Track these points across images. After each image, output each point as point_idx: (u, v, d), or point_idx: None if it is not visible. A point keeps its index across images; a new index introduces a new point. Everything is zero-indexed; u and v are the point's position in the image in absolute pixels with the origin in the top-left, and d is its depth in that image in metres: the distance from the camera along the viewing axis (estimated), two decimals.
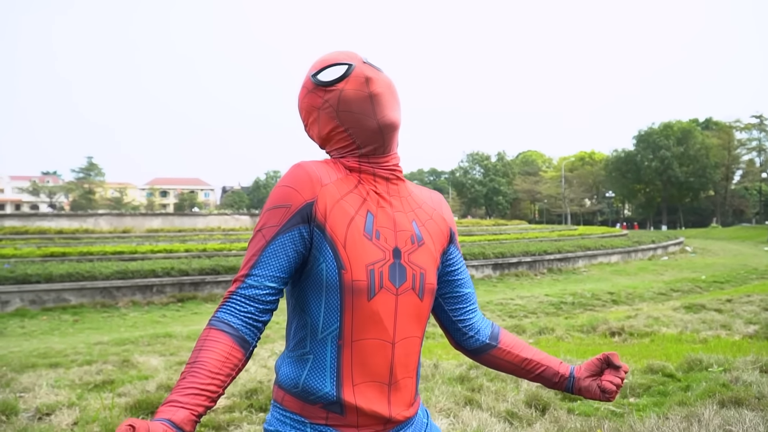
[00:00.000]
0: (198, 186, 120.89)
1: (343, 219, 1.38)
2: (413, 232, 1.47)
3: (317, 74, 1.47)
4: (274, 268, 1.35)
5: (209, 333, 1.28)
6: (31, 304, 13.29)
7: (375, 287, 1.38)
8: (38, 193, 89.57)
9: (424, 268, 1.46)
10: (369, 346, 1.39)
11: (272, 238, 1.35)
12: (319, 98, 1.47)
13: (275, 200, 1.38)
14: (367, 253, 1.38)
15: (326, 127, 1.49)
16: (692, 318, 9.63)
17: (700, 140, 74.13)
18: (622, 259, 26.29)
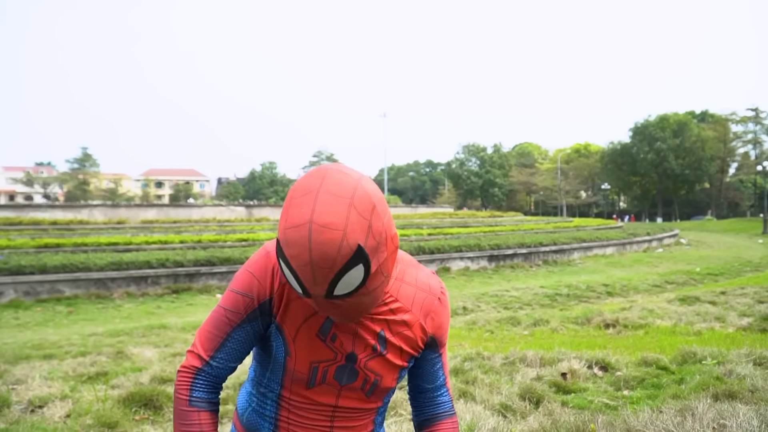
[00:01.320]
0: (193, 177, 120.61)
1: (298, 315, 1.36)
2: (375, 342, 1.40)
3: (280, 246, 1.17)
4: (237, 352, 1.39)
5: (201, 416, 1.36)
6: (25, 295, 13.25)
7: (316, 381, 1.39)
8: (32, 183, 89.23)
9: (381, 374, 1.43)
10: (305, 420, 1.43)
11: (237, 326, 1.37)
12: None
13: (242, 286, 1.36)
14: (314, 352, 1.37)
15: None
16: (686, 310, 9.66)
17: (696, 133, 74.30)
18: (617, 251, 26.35)
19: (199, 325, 6.57)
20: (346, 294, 1.17)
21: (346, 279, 1.14)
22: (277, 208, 41.06)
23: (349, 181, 1.17)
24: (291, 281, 1.18)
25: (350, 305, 1.21)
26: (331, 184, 1.15)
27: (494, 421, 2.97)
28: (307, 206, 1.13)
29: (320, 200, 1.13)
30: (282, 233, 1.14)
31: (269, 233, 23.71)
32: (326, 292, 1.15)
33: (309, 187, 1.16)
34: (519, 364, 4.93)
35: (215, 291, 14.99)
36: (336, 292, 1.16)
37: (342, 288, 1.16)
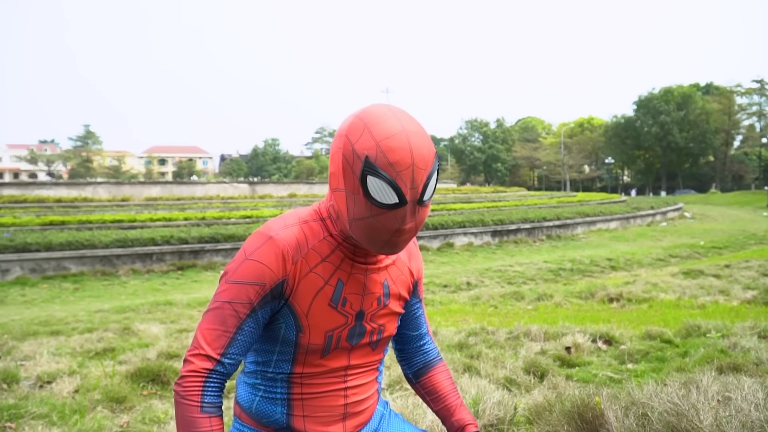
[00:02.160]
0: (196, 154, 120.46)
1: (310, 290, 1.38)
2: (381, 293, 1.48)
3: (370, 165, 1.22)
4: (247, 344, 1.37)
5: (212, 423, 1.32)
6: (32, 272, 13.33)
7: (330, 348, 1.43)
8: (36, 161, 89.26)
9: (384, 323, 1.50)
10: (320, 388, 1.46)
11: (246, 317, 1.34)
12: (354, 181, 1.27)
13: (248, 275, 1.34)
14: (328, 321, 1.41)
15: (348, 206, 1.31)
16: (690, 284, 9.67)
17: (701, 105, 73.71)
18: (620, 225, 26.33)
19: (204, 301, 6.64)
20: (425, 202, 1.27)
21: (431, 183, 1.26)
22: (280, 184, 41.04)
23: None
24: (382, 195, 1.22)
25: (421, 218, 1.29)
26: (401, 111, 1.29)
27: (499, 395, 2.99)
28: (394, 120, 1.24)
29: (401, 115, 1.27)
30: (376, 146, 1.21)
31: (273, 210, 23.74)
32: (420, 195, 1.24)
33: (381, 109, 1.28)
34: (523, 339, 4.95)
35: (219, 267, 15.04)
36: (425, 197, 1.25)
37: (428, 193, 1.26)
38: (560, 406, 2.69)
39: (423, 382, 1.68)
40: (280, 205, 28.10)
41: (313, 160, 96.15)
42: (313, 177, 79.67)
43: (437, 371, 1.67)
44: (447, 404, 1.64)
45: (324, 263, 1.39)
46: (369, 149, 1.21)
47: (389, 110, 1.27)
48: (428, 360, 1.68)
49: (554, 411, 2.69)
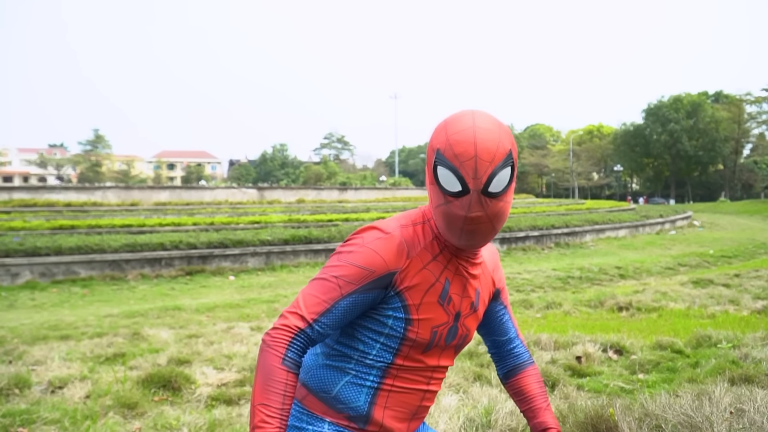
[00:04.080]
0: (205, 159, 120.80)
1: (423, 286, 1.50)
2: (474, 299, 1.60)
3: (440, 157, 1.36)
4: (340, 320, 1.46)
5: (288, 377, 1.38)
6: (41, 276, 13.40)
7: (432, 344, 1.54)
8: (46, 165, 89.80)
9: (470, 328, 1.63)
10: (409, 383, 1.56)
11: (348, 294, 1.44)
12: (431, 173, 1.42)
13: (362, 260, 1.45)
14: (435, 317, 1.53)
15: (431, 196, 1.47)
16: (700, 293, 9.62)
17: (710, 113, 73.45)
18: (629, 233, 26.24)
19: (213, 306, 6.65)
20: (496, 194, 1.36)
21: (499, 176, 1.34)
22: (288, 190, 41.13)
23: (490, 114, 1.42)
24: (448, 183, 1.36)
25: (492, 210, 1.38)
26: (480, 112, 1.41)
27: (511, 405, 2.98)
28: (468, 119, 1.37)
29: (477, 116, 1.38)
30: (446, 140, 1.35)
31: (281, 215, 23.76)
32: (483, 185, 1.33)
33: (463, 111, 1.41)
34: (533, 348, 4.94)
35: (228, 273, 15.08)
36: (490, 188, 1.34)
37: (495, 186, 1.34)
38: (573, 417, 2.69)
39: (512, 384, 1.78)
40: (288, 210, 28.14)
41: (321, 166, 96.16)
42: (321, 182, 79.69)
43: (526, 374, 1.76)
44: (532, 406, 1.73)
45: (435, 261, 1.51)
46: (441, 143, 1.36)
47: (469, 112, 1.40)
48: (518, 363, 1.78)
49: (567, 422, 2.69)
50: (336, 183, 75.51)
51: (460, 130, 1.35)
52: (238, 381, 4.41)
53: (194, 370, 4.69)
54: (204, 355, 5.36)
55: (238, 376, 4.53)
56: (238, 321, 8.55)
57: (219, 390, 4.21)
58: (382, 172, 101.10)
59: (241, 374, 4.57)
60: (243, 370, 4.67)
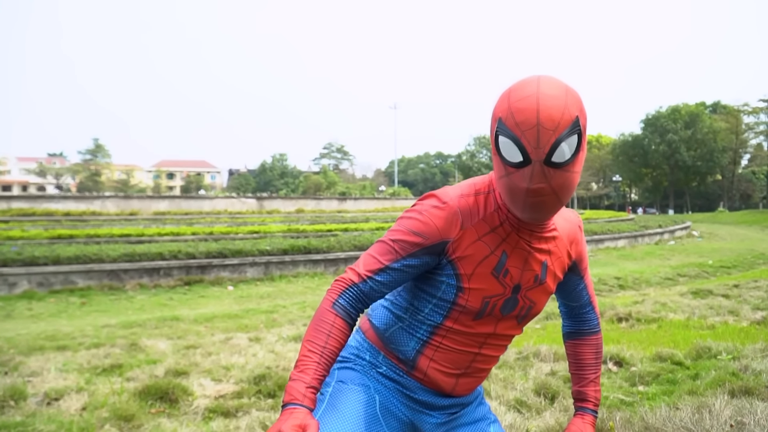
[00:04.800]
0: (204, 168, 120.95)
1: (476, 257, 1.50)
2: (539, 272, 1.56)
3: (501, 126, 1.31)
4: (393, 281, 1.53)
5: (335, 321, 1.49)
6: (39, 286, 13.35)
7: (484, 313, 1.54)
8: (45, 174, 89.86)
9: (536, 301, 1.60)
10: (457, 345, 1.58)
11: (401, 258, 1.51)
12: (493, 139, 1.37)
13: (417, 227, 1.50)
14: (488, 288, 1.52)
15: (495, 167, 1.42)
16: (699, 304, 9.59)
17: (708, 124, 73.72)
18: (628, 243, 26.24)
19: (211, 317, 6.68)
20: (560, 164, 1.29)
21: (564, 145, 1.27)
22: (288, 200, 41.12)
23: (560, 79, 1.35)
24: (509, 153, 1.30)
25: (557, 182, 1.31)
26: (547, 77, 1.33)
27: (511, 417, 2.97)
28: (532, 85, 1.30)
29: (543, 81, 1.30)
30: (508, 107, 1.29)
31: (280, 225, 23.75)
32: (546, 155, 1.27)
33: (530, 77, 1.34)
34: (533, 359, 4.92)
35: (227, 283, 15.04)
36: (554, 158, 1.28)
37: (558, 155, 1.27)
38: None
39: (571, 345, 1.79)
40: (288, 220, 28.14)
41: (321, 176, 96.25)
42: (321, 192, 79.74)
43: (587, 341, 1.76)
44: (581, 374, 1.75)
45: (492, 234, 1.50)
46: (503, 112, 1.31)
47: (535, 78, 1.33)
48: (583, 328, 1.77)
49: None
50: (335, 193, 75.57)
51: (523, 96, 1.28)
52: (236, 393, 4.38)
53: (192, 381, 4.66)
54: (202, 367, 5.33)
55: (236, 387, 4.50)
56: (236, 332, 8.51)
57: (216, 402, 4.18)
58: (381, 181, 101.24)
59: (239, 386, 4.54)
60: (241, 382, 4.64)
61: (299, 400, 1.38)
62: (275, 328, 8.83)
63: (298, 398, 1.38)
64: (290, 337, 7.49)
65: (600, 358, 1.78)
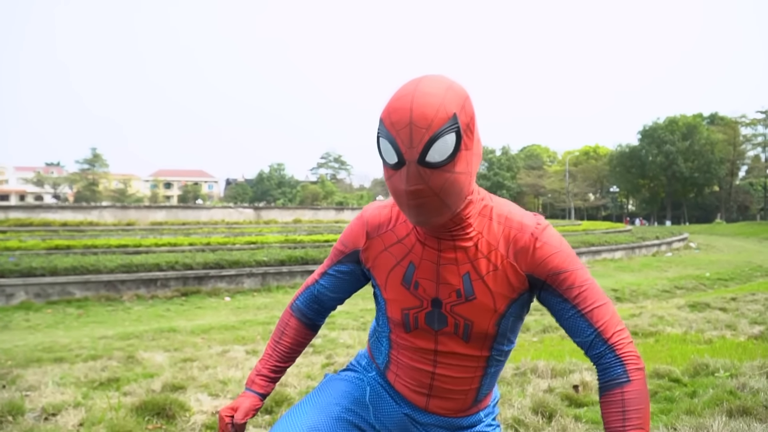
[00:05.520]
0: (202, 178, 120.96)
1: (385, 267, 1.53)
2: (460, 286, 1.43)
3: (380, 127, 1.26)
4: (332, 285, 1.69)
5: (289, 320, 1.74)
6: (36, 297, 13.32)
7: (410, 326, 1.53)
8: (42, 184, 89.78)
9: (472, 319, 1.44)
10: (410, 360, 1.57)
11: (333, 264, 1.68)
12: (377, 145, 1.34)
13: (342, 237, 1.66)
14: (403, 299, 1.52)
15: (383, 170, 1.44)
16: (697, 317, 9.60)
17: (706, 135, 74.00)
18: (626, 255, 26.24)
19: (208, 328, 6.72)
20: (436, 164, 1.22)
21: (439, 144, 1.20)
22: (285, 210, 41.14)
23: (446, 77, 1.32)
24: (387, 154, 1.26)
25: (436, 183, 1.23)
26: (430, 76, 1.30)
27: None
28: (412, 84, 1.26)
29: (423, 80, 1.27)
30: (387, 108, 1.25)
31: (277, 236, 23.73)
32: (420, 155, 1.21)
33: (413, 78, 1.31)
34: (530, 375, 4.92)
35: (224, 294, 15.01)
36: (428, 158, 1.21)
37: (434, 155, 1.21)
38: None
39: (601, 402, 1.41)
40: (285, 230, 28.12)
41: (318, 185, 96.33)
42: (318, 202, 79.75)
43: (607, 398, 1.38)
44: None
45: (399, 244, 1.50)
46: (382, 112, 1.26)
47: (418, 78, 1.29)
48: (605, 380, 1.39)
49: None
50: (333, 203, 75.62)
51: (401, 96, 1.23)
52: None
53: (189, 396, 4.65)
54: (199, 381, 5.32)
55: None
56: (233, 344, 8.49)
57: (214, 418, 4.17)
58: (379, 191, 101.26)
59: None
60: None
61: (248, 384, 1.67)
62: None
63: (248, 383, 1.68)
64: None
65: (632, 420, 1.32)
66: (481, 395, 1.60)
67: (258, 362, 1.69)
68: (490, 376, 1.58)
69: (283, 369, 1.71)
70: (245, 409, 1.61)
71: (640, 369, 1.39)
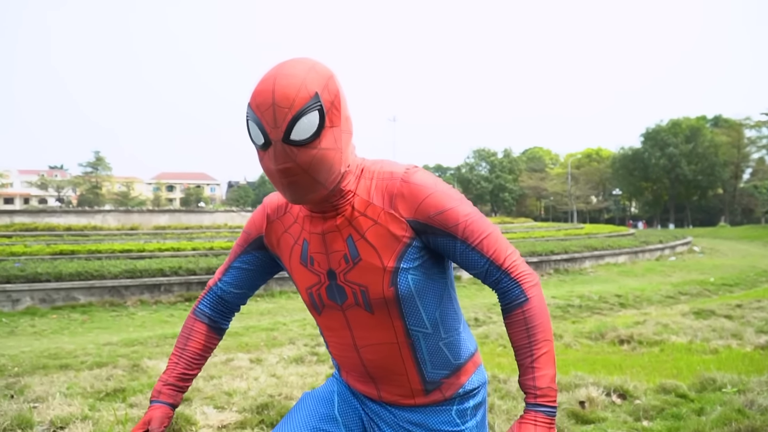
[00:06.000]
0: (204, 181, 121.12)
1: (286, 249, 1.55)
2: (346, 250, 1.44)
3: (248, 110, 1.30)
4: (237, 280, 1.67)
5: (194, 324, 1.69)
6: (41, 302, 13.36)
7: (318, 306, 1.54)
8: (46, 187, 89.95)
9: (365, 284, 1.43)
10: (338, 348, 1.59)
11: (236, 256, 1.67)
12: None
13: (246, 226, 1.65)
14: (304, 278, 1.53)
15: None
16: (702, 325, 9.57)
17: (709, 138, 73.73)
18: (629, 259, 26.20)
19: None
20: (302, 142, 1.26)
21: (303, 122, 1.25)
22: None
23: (310, 59, 1.35)
24: (255, 136, 1.30)
25: (303, 160, 1.27)
26: (294, 59, 1.33)
27: None
28: (276, 68, 1.30)
29: (287, 63, 1.31)
30: (253, 91, 1.28)
31: None
32: (284, 134, 1.25)
33: (277, 63, 1.33)
34: None
35: None
36: (293, 136, 1.25)
37: (298, 133, 1.25)
38: None
39: (506, 324, 1.50)
40: None
41: None
42: None
43: (511, 318, 1.47)
44: (518, 361, 1.45)
45: (295, 224, 1.53)
46: (250, 96, 1.29)
47: (284, 61, 1.33)
48: (506, 302, 1.48)
49: None
50: None
51: (264, 79, 1.27)
52: (239, 423, 4.37)
53: (194, 409, 4.66)
54: (204, 393, 5.33)
55: (239, 417, 4.49)
56: (237, 351, 8.50)
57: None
58: None
59: (242, 415, 4.54)
60: (244, 411, 4.63)
61: (155, 396, 1.61)
62: (276, 347, 8.82)
63: (154, 395, 1.61)
64: (291, 358, 7.48)
65: (536, 335, 1.42)
66: (429, 374, 1.52)
67: (163, 373, 1.62)
68: (425, 349, 1.50)
69: (191, 377, 1.65)
70: (159, 419, 1.56)
71: (534, 285, 1.47)
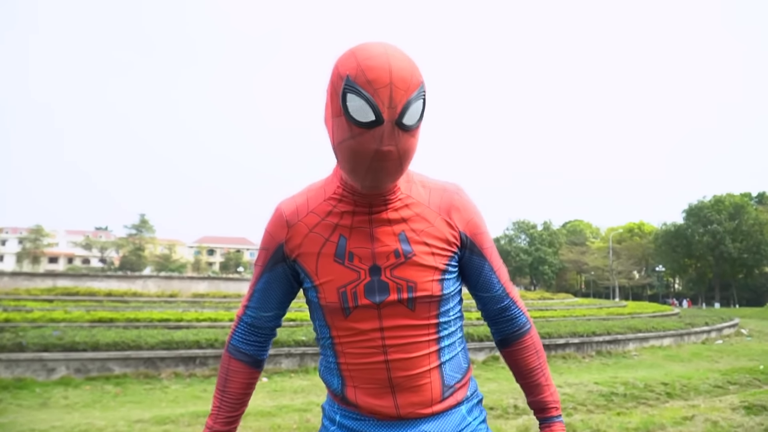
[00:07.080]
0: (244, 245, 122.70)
1: (313, 248, 1.48)
2: (397, 246, 1.45)
3: (350, 83, 1.25)
4: (264, 302, 1.59)
5: (230, 363, 1.62)
6: (76, 372, 13.40)
7: (349, 307, 1.45)
8: (90, 247, 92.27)
9: (414, 280, 1.45)
10: (359, 358, 1.48)
11: (258, 277, 1.59)
12: (338, 103, 1.30)
13: (262, 242, 1.58)
14: (338, 277, 1.46)
15: (332, 133, 1.35)
16: (754, 423, 9.07)
17: (754, 216, 72.51)
18: (674, 342, 25.33)
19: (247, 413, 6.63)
20: (409, 127, 1.26)
21: (414, 108, 1.25)
22: None
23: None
24: (359, 112, 1.23)
25: (403, 145, 1.28)
26: (384, 43, 1.30)
27: None
28: (379, 46, 1.27)
29: (388, 44, 1.29)
30: (357, 65, 1.23)
31: None
32: (398, 116, 1.24)
33: (371, 41, 1.30)
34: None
35: (261, 375, 14.88)
36: (405, 119, 1.25)
37: (409, 117, 1.25)
38: None
39: (507, 354, 1.65)
40: None
41: None
42: None
43: (522, 344, 1.62)
44: (529, 382, 1.61)
45: (323, 222, 1.48)
46: (351, 69, 1.24)
47: (379, 42, 1.29)
48: (512, 330, 1.63)
49: None
50: None
51: (373, 55, 1.24)
52: None
53: None
54: None
55: None
56: None
57: None
58: None
59: None
60: None
61: None
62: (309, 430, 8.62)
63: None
64: None
65: (541, 358, 1.63)
66: (447, 378, 1.52)
67: (208, 419, 1.61)
68: (447, 350, 1.53)
69: (236, 418, 1.62)
70: None
71: (529, 316, 1.66)
